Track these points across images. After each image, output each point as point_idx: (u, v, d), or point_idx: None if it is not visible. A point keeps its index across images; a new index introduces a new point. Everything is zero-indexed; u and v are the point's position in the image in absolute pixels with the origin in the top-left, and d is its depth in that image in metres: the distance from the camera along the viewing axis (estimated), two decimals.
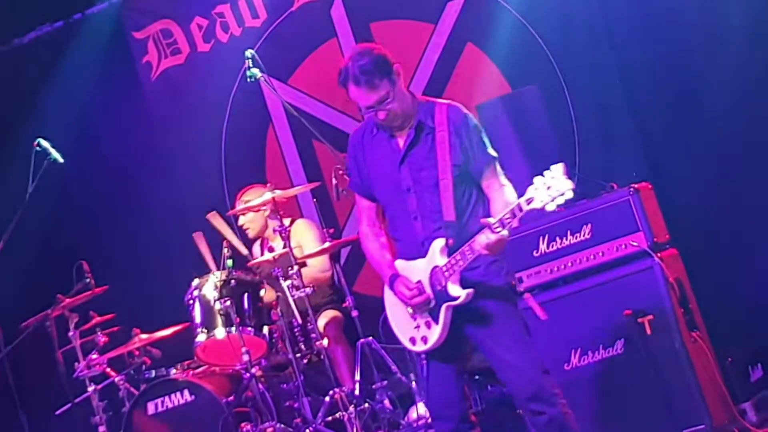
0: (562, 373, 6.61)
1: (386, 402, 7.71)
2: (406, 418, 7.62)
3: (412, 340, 5.71)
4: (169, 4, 9.74)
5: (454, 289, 5.48)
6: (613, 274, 6.86)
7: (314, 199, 8.75)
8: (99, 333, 8.10)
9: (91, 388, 8.00)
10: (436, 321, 5.57)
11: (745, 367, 7.44)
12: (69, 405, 8.05)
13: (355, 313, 7.89)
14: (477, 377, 7.69)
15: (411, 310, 5.67)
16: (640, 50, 8.34)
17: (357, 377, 7.85)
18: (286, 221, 8.11)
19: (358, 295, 8.24)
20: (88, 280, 8.05)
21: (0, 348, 7.93)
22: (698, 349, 6.89)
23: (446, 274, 5.48)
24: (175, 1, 9.73)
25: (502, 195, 5.63)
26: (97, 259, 8.32)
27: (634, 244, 6.88)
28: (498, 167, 5.72)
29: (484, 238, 5.37)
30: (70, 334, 8.03)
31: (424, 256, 5.59)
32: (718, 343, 7.14)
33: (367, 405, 7.66)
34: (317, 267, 8.34)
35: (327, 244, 8.03)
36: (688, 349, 6.81)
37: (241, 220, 8.62)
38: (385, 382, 7.78)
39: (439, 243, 5.53)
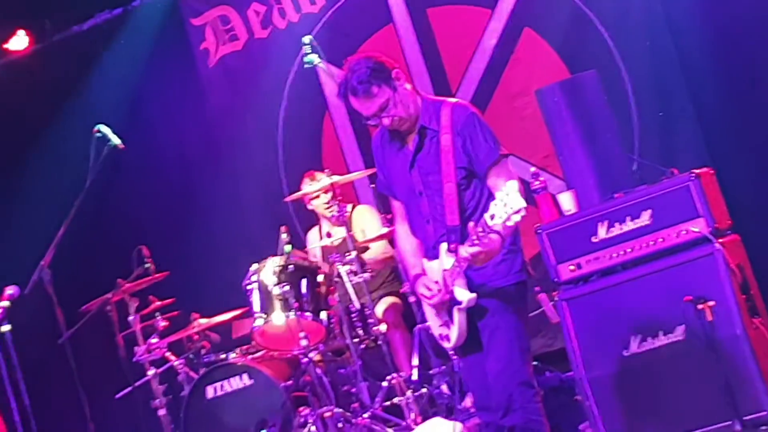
0: (621, 360, 6.55)
1: (444, 387, 7.72)
2: (463, 403, 7.62)
3: (440, 337, 5.78)
4: None
5: (459, 293, 5.55)
6: (673, 260, 6.79)
7: (372, 185, 8.76)
8: (159, 317, 8.18)
9: (151, 372, 8.07)
10: (453, 322, 5.61)
11: None
12: (129, 388, 8.10)
13: (412, 299, 7.91)
14: (535, 363, 7.68)
15: (434, 310, 5.72)
16: (699, 33, 8.30)
17: (415, 363, 7.87)
18: (347, 207, 8.17)
19: None
20: (148, 265, 8.11)
21: (61, 332, 7.97)
22: (760, 336, 6.83)
23: (451, 278, 5.51)
24: None
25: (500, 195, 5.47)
26: (157, 244, 8.36)
27: (695, 229, 6.82)
28: (506, 165, 5.70)
29: (463, 252, 5.43)
30: (130, 318, 8.11)
31: (438, 258, 5.62)
32: None
33: (424, 390, 7.70)
34: (380, 250, 8.35)
35: (387, 230, 8.06)
36: (750, 336, 6.74)
37: (317, 205, 8.61)
38: (443, 368, 7.79)
39: (444, 247, 5.56)
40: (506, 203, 5.16)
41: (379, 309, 8.23)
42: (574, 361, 6.69)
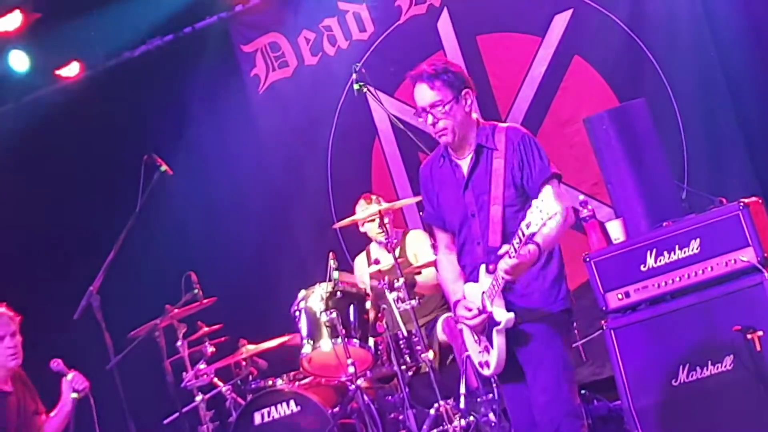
0: (670, 389, 6.52)
1: (491, 415, 7.68)
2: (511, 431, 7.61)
3: (481, 365, 5.76)
4: (277, 17, 9.80)
5: (498, 313, 5.52)
6: (721, 290, 6.77)
7: (420, 213, 8.77)
8: (206, 343, 8.20)
9: (198, 398, 8.08)
10: (492, 345, 5.59)
11: None
12: (177, 414, 8.12)
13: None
14: (583, 392, 7.66)
15: (474, 335, 5.73)
16: (747, 62, 8.29)
17: (462, 390, 7.85)
18: (399, 232, 8.26)
19: None
20: (196, 290, 8.13)
21: (110, 357, 8.02)
22: None
23: (490, 298, 5.51)
24: (282, 15, 9.77)
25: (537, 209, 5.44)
26: (206, 270, 8.38)
27: (744, 259, 6.79)
28: (557, 183, 5.68)
29: (503, 264, 5.39)
30: (178, 344, 8.14)
31: (477, 280, 5.64)
32: None
33: (472, 418, 7.66)
34: (432, 275, 8.35)
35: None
36: None
37: (370, 228, 8.61)
38: (491, 396, 7.77)
39: (483, 269, 5.56)
40: (541, 209, 5.16)
41: (440, 323, 8.23)
42: (621, 390, 6.68)
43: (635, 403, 6.51)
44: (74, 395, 6.92)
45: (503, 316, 5.53)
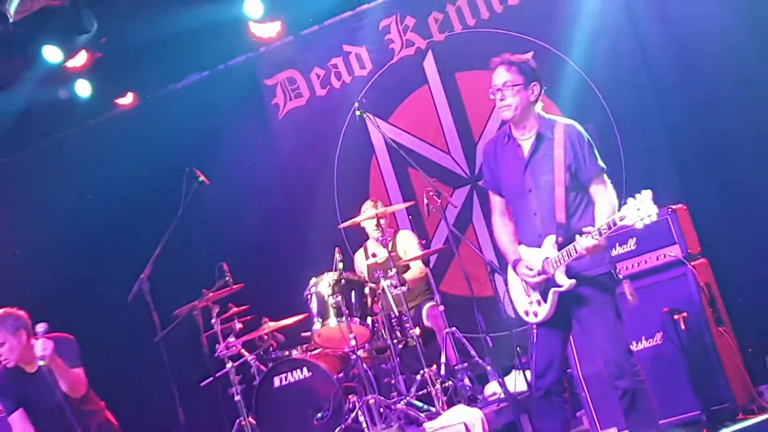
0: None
1: (466, 380, 7.68)
2: (482, 394, 7.58)
3: (526, 313, 5.79)
4: (294, 57, 9.75)
5: (561, 278, 5.56)
6: (653, 279, 6.80)
7: (409, 216, 8.77)
8: (235, 321, 8.15)
9: (228, 365, 8.03)
10: (545, 300, 5.61)
11: (762, 356, 7.36)
12: (211, 378, 8.09)
13: (441, 308, 7.89)
14: None
15: (528, 288, 5.73)
16: (677, 95, 8.30)
17: (443, 360, 7.84)
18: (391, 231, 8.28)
19: (443, 294, 8.22)
20: (227, 278, 8.12)
21: (157, 332, 8.00)
22: (724, 342, 6.81)
23: (555, 265, 5.51)
24: (298, 55, 9.73)
25: (605, 200, 5.63)
26: (235, 261, 8.35)
27: (672, 254, 6.81)
28: (605, 177, 5.71)
29: (584, 242, 5.43)
30: (213, 321, 8.10)
31: (540, 247, 5.60)
32: (740, 336, 7.06)
33: (450, 383, 7.65)
34: (418, 270, 8.35)
35: (421, 252, 8.09)
36: (716, 342, 6.73)
37: (367, 225, 8.56)
38: (465, 364, 7.76)
39: (551, 239, 5.58)
40: (640, 209, 5.20)
41: (424, 311, 8.25)
42: (572, 360, 6.66)
43: (583, 371, 6.48)
44: (41, 363, 6.59)
45: (566, 281, 5.58)
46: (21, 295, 7.46)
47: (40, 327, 6.63)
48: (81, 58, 8.45)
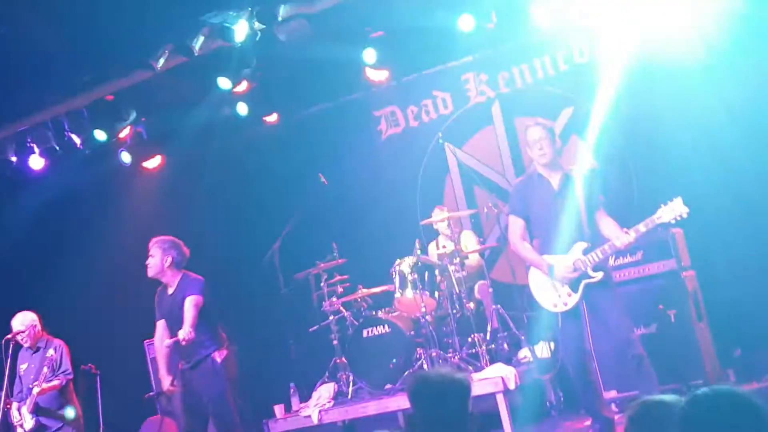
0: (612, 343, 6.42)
1: (505, 345, 7.67)
2: (516, 357, 7.57)
3: (554, 305, 5.79)
4: (396, 96, 9.75)
5: (592, 272, 5.60)
6: (654, 283, 6.80)
7: (471, 220, 8.78)
8: (338, 286, 8.22)
9: (330, 318, 8.09)
10: (575, 291, 5.65)
11: (730, 348, 7.30)
12: (317, 326, 8.17)
13: (491, 289, 7.89)
14: None
15: (559, 284, 5.78)
16: (686, 142, 8.08)
17: (488, 328, 7.83)
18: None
19: (493, 279, 8.21)
20: (335, 254, 8.20)
21: (281, 288, 8.11)
22: (702, 334, 6.75)
23: (588, 262, 5.58)
24: (399, 95, 9.73)
25: (608, 219, 5.81)
26: (342, 242, 8.42)
27: (669, 265, 6.78)
28: (603, 207, 5.89)
29: (625, 238, 5.56)
30: (322, 284, 8.17)
31: (566, 253, 5.68)
32: (715, 330, 7.00)
33: (492, 346, 7.64)
34: (476, 260, 8.34)
35: (479, 246, 8.08)
36: (696, 333, 6.68)
37: (440, 225, 8.50)
38: (505, 333, 7.75)
39: (581, 245, 5.66)
40: (674, 209, 5.30)
41: (476, 287, 8.20)
42: (586, 339, 6.62)
43: (595, 346, 6.44)
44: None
45: (596, 274, 5.69)
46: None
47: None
48: (242, 86, 8.54)
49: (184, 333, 6.41)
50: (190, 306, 6.52)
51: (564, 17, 8.23)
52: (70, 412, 7.35)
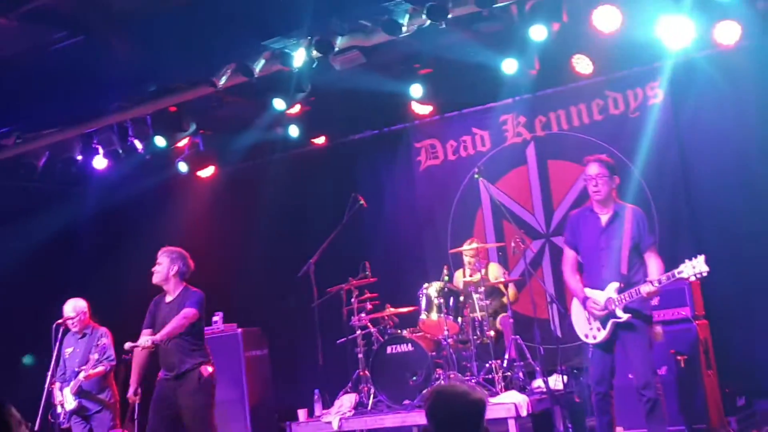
0: (629, 380, 6.29)
1: (520, 374, 7.58)
2: (530, 386, 7.48)
3: (586, 336, 5.80)
4: (437, 130, 9.75)
5: (620, 313, 5.55)
6: (668, 328, 6.68)
7: (499, 253, 8.73)
8: (368, 303, 8.18)
9: (357, 332, 8.05)
10: (604, 328, 5.61)
11: (734, 396, 7.16)
12: (344, 339, 8.14)
13: (511, 320, 7.81)
14: (575, 371, 7.48)
15: (591, 318, 5.73)
16: (706, 189, 8.18)
17: (506, 357, 7.74)
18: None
19: (514, 311, 8.11)
20: (367, 272, 8.15)
21: (314, 300, 8.09)
22: (710, 381, 6.65)
23: (617, 303, 5.50)
24: (440, 129, 9.73)
25: (654, 264, 5.67)
26: (374, 262, 8.38)
27: (683, 313, 6.69)
28: (656, 248, 5.74)
29: (648, 287, 5.49)
30: (352, 300, 8.13)
31: (603, 290, 5.57)
32: (722, 379, 6.88)
33: (508, 374, 7.56)
34: (513, 292, 8.19)
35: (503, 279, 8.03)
36: (704, 380, 6.58)
37: (467, 258, 8.39)
38: (521, 363, 7.66)
39: (614, 285, 5.60)
40: (695, 266, 5.26)
41: (498, 318, 8.09)
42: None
43: (615, 382, 6.29)
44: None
45: (623, 315, 5.62)
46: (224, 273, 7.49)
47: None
48: (296, 108, 8.58)
49: (148, 340, 6.16)
50: (180, 317, 6.26)
51: (602, 70, 8.23)
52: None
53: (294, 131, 9.38)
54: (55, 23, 7.30)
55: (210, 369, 6.37)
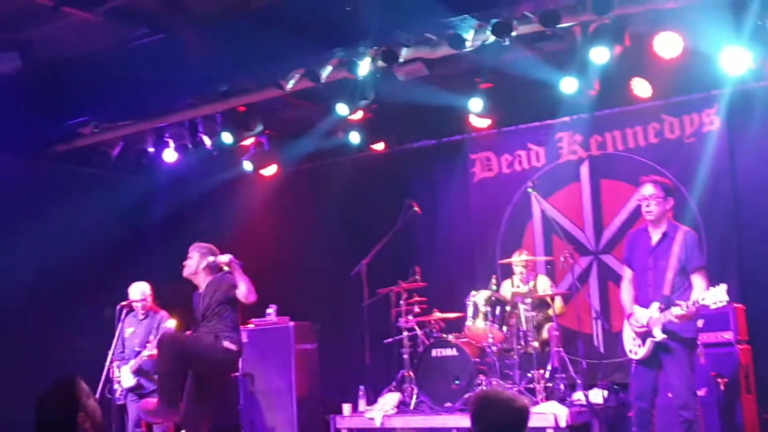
0: (670, 399, 6.31)
1: (561, 386, 7.61)
2: (570, 398, 7.51)
3: (630, 351, 5.83)
4: (493, 144, 9.81)
5: (657, 333, 5.66)
6: (711, 351, 6.66)
7: (547, 266, 8.77)
8: (416, 306, 8.28)
9: (404, 334, 8.15)
10: (644, 345, 5.64)
11: None
12: (392, 339, 8.25)
13: (557, 333, 7.84)
14: (615, 386, 7.50)
15: (635, 335, 5.78)
16: (755, 216, 8.13)
17: (548, 367, 7.77)
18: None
19: (559, 324, 8.12)
20: (417, 277, 8.26)
21: (364, 300, 8.21)
22: (749, 405, 6.62)
23: (656, 322, 5.51)
24: (497, 143, 9.79)
25: (699, 287, 5.62)
26: (425, 267, 8.51)
27: (726, 336, 6.66)
28: (704, 271, 5.70)
29: (678, 310, 5.52)
30: (401, 302, 8.24)
31: (647, 308, 5.64)
32: (761, 404, 6.84)
33: (549, 384, 7.60)
34: (560, 305, 8.27)
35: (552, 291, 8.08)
36: (743, 404, 6.55)
37: (518, 269, 8.48)
38: (563, 375, 7.69)
39: (656, 305, 5.61)
40: (716, 295, 5.28)
41: (545, 329, 8.10)
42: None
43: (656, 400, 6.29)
44: (225, 265, 6.65)
45: (659, 335, 5.65)
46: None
47: (224, 257, 6.64)
48: (358, 115, 8.74)
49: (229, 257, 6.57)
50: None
51: (660, 94, 8.25)
52: None
53: (355, 137, 9.54)
54: (137, 21, 7.56)
55: (234, 347, 6.64)
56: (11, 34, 7.52)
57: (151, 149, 9.15)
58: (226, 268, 6.68)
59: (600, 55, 7.01)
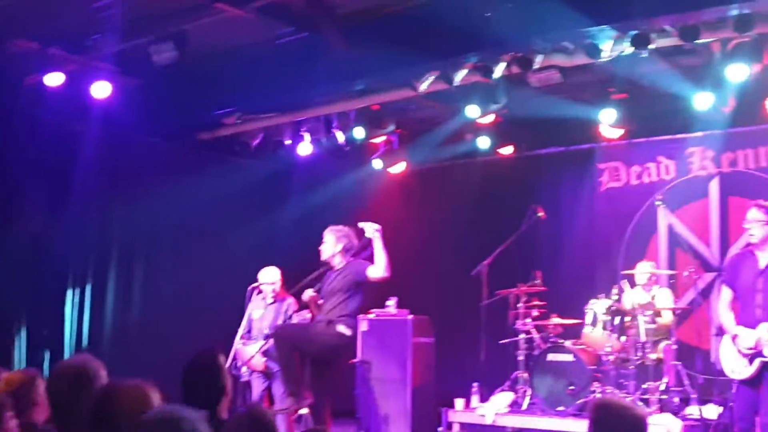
0: None
1: (676, 399, 7.53)
2: (683, 411, 7.38)
3: (732, 371, 5.73)
4: (623, 154, 9.75)
5: (766, 352, 5.44)
6: None
7: (670, 280, 8.64)
8: (535, 310, 8.36)
9: (521, 336, 8.24)
10: (751, 365, 5.54)
11: None
12: (508, 340, 8.31)
13: (675, 347, 7.73)
14: None
15: (740, 355, 5.69)
16: None
17: (664, 380, 7.67)
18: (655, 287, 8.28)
19: (677, 339, 7.99)
20: (537, 281, 8.32)
21: (482, 300, 8.30)
22: None
23: (765, 343, 5.43)
24: (626, 154, 9.73)
25: None
26: (546, 272, 8.54)
27: None
28: None
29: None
30: (519, 305, 8.34)
31: (754, 329, 5.54)
32: None
33: (665, 397, 7.53)
34: (669, 319, 8.08)
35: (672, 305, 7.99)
36: None
37: (641, 280, 8.33)
38: (679, 389, 7.60)
39: (765, 325, 5.49)
40: None
41: (661, 346, 7.95)
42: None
43: (762, 419, 6.15)
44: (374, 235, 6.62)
45: None
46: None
47: (370, 225, 6.61)
48: (489, 118, 8.82)
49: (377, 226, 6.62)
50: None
51: None
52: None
53: (484, 140, 9.66)
54: (285, 19, 7.90)
55: (347, 333, 6.77)
56: (169, 27, 7.96)
57: (288, 141, 9.54)
58: (368, 236, 6.65)
59: (737, 72, 6.91)
